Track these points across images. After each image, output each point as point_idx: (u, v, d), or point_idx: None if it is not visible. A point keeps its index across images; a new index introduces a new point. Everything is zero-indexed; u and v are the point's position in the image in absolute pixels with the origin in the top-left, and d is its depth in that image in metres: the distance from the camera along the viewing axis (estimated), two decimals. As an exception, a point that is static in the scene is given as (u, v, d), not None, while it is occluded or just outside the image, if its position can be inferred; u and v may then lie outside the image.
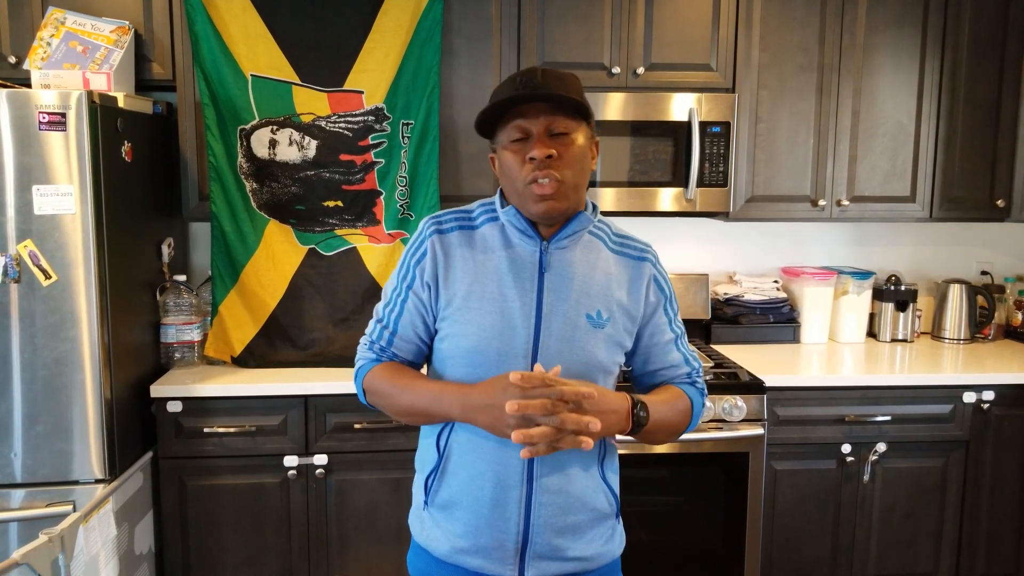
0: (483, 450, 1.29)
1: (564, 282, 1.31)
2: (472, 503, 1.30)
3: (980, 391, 2.55)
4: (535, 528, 1.29)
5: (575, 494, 1.31)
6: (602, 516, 1.36)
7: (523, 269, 1.31)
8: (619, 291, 1.35)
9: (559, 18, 2.61)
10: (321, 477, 2.39)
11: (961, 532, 2.62)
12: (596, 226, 1.38)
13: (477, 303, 1.30)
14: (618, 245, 1.39)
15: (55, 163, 2.01)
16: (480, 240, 1.34)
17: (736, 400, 2.40)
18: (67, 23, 2.38)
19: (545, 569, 1.31)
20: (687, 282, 2.96)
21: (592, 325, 1.31)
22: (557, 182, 1.26)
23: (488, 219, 1.37)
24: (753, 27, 2.67)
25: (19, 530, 2.09)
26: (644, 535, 2.47)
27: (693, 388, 1.43)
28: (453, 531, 1.32)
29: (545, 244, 1.32)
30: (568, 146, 1.27)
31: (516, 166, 1.27)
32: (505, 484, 1.28)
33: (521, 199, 1.30)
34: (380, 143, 2.55)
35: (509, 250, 1.33)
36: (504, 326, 1.28)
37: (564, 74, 1.29)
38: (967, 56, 2.75)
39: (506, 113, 1.28)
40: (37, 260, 2.04)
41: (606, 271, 1.35)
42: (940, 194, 2.81)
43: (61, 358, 2.07)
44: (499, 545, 1.29)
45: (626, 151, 2.62)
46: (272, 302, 2.55)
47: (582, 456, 1.31)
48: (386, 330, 1.38)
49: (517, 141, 1.28)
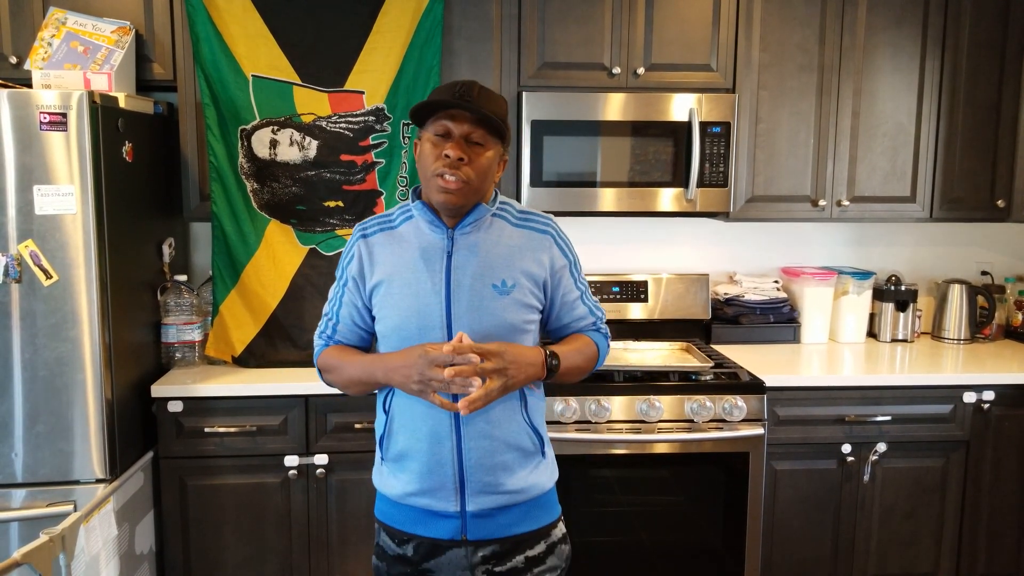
0: (416, 409, 1.53)
1: (469, 260, 1.53)
2: (415, 454, 1.54)
3: (980, 391, 2.55)
4: (468, 468, 1.52)
5: (499, 437, 1.53)
6: (528, 454, 1.57)
7: (433, 254, 1.54)
8: (522, 260, 1.55)
9: (559, 19, 2.61)
10: (322, 477, 2.39)
11: (961, 532, 2.62)
12: (499, 208, 1.59)
13: (397, 288, 1.54)
14: (520, 220, 1.59)
15: (56, 163, 2.02)
16: (398, 237, 1.58)
17: (736, 400, 2.40)
18: (68, 23, 2.38)
19: (483, 502, 1.54)
20: (687, 282, 2.97)
21: (498, 292, 1.52)
22: (461, 182, 1.47)
23: (405, 219, 1.60)
24: (753, 27, 2.67)
25: (20, 530, 2.09)
26: (644, 535, 2.47)
27: (598, 333, 1.68)
28: (404, 479, 1.56)
29: (451, 231, 1.54)
30: (479, 155, 1.49)
31: (431, 157, 1.49)
32: (438, 435, 1.52)
33: (427, 186, 1.52)
34: (381, 143, 2.55)
35: (421, 240, 1.55)
36: (420, 304, 1.51)
37: (496, 96, 1.52)
38: (967, 56, 2.75)
39: (438, 112, 1.48)
40: (38, 260, 2.04)
41: (509, 244, 1.56)
42: (940, 194, 2.81)
43: (62, 358, 2.08)
44: (441, 486, 1.53)
45: (626, 151, 2.62)
46: (273, 302, 2.55)
47: (504, 404, 1.52)
48: (330, 321, 1.65)
49: (439, 136, 1.49)
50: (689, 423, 2.40)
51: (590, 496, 2.44)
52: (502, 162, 1.58)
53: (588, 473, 2.43)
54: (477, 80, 1.59)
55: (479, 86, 1.49)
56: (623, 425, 2.40)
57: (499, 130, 1.50)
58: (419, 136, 1.55)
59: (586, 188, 2.63)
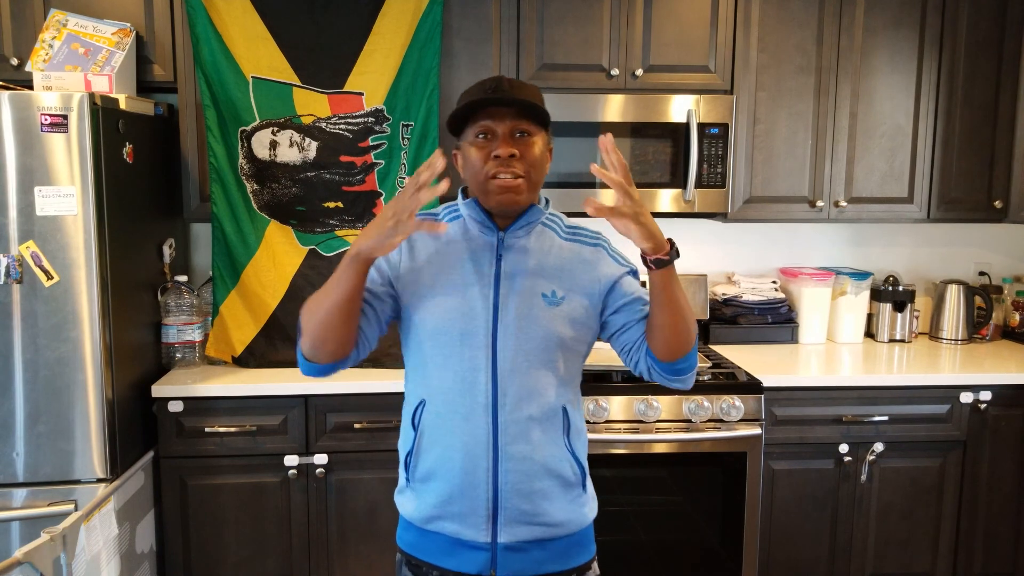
0: (451, 424, 1.40)
1: (520, 266, 1.43)
2: (445, 474, 1.40)
3: (977, 391, 2.56)
4: (503, 494, 1.39)
5: (540, 461, 1.41)
6: (567, 484, 1.45)
7: (482, 256, 1.44)
8: (572, 274, 1.45)
9: (558, 20, 2.62)
10: (321, 476, 2.40)
11: (958, 532, 2.63)
12: (548, 218, 1.50)
13: (440, 289, 1.42)
14: (571, 234, 1.51)
15: (57, 164, 2.03)
16: (444, 236, 1.47)
17: (734, 400, 2.41)
18: (69, 25, 2.39)
19: (517, 533, 1.41)
20: (686, 282, 2.97)
21: (547, 303, 1.42)
22: (519, 178, 1.38)
23: (452, 217, 1.50)
24: (751, 29, 2.68)
25: (21, 529, 2.10)
26: (642, 534, 2.48)
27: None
28: (431, 501, 1.43)
29: (502, 234, 1.45)
30: (529, 147, 1.39)
31: (480, 161, 1.39)
32: (473, 453, 1.39)
33: (482, 191, 1.41)
34: (380, 144, 2.56)
35: (469, 241, 1.45)
36: (465, 308, 1.40)
37: (528, 85, 1.42)
38: (965, 57, 2.76)
39: (475, 114, 1.39)
40: (39, 261, 2.05)
41: (559, 256, 1.46)
42: (938, 195, 2.82)
43: (63, 358, 2.09)
44: (472, 511, 1.40)
45: (625, 152, 2.63)
46: (273, 302, 2.56)
47: (545, 427, 1.41)
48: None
49: (483, 138, 1.39)
50: (687, 423, 2.41)
51: (588, 496, 2.45)
52: (549, 151, 1.47)
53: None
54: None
55: (508, 78, 1.41)
56: (621, 425, 2.41)
57: (543, 118, 1.41)
58: (458, 145, 1.45)
59: (585, 189, 2.64)
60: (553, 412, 1.42)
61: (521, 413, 1.39)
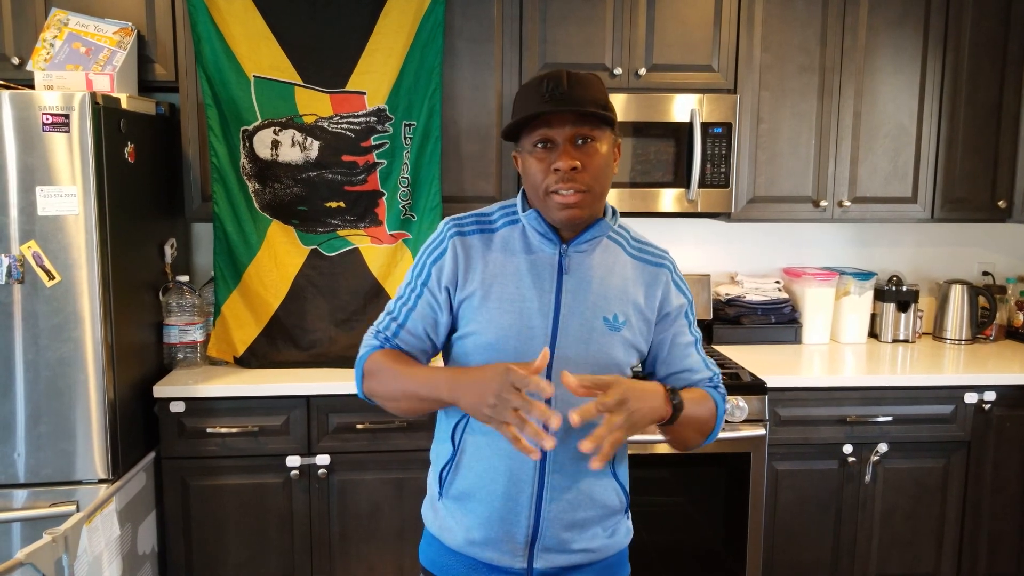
0: (497, 446, 1.31)
1: (582, 284, 1.34)
2: (485, 496, 1.33)
3: (982, 392, 2.55)
4: (545, 522, 1.32)
5: (585, 491, 1.34)
6: (611, 512, 1.39)
7: (542, 271, 1.34)
8: (636, 295, 1.37)
9: (561, 19, 2.61)
10: (323, 477, 2.39)
11: (962, 532, 2.62)
12: (616, 231, 1.41)
13: (496, 302, 1.32)
14: (637, 251, 1.41)
15: (58, 164, 2.02)
16: (500, 242, 1.36)
17: (738, 400, 2.40)
18: (70, 24, 2.39)
19: (553, 561, 1.34)
20: (689, 282, 2.95)
21: (608, 328, 1.33)
22: (581, 193, 1.27)
23: (508, 222, 1.39)
24: (755, 28, 2.68)
25: (22, 530, 2.10)
26: (646, 535, 2.47)
27: (716, 392, 1.43)
28: (466, 523, 1.35)
29: (565, 247, 1.34)
30: (592, 155, 1.28)
31: (540, 173, 1.29)
32: (517, 479, 1.31)
33: (544, 205, 1.32)
34: (382, 144, 2.55)
35: (529, 252, 1.35)
36: (522, 325, 1.31)
37: (589, 79, 1.29)
38: (968, 57, 2.75)
39: (529, 119, 1.28)
40: (41, 261, 2.04)
41: (623, 275, 1.37)
42: (942, 195, 2.81)
43: (64, 358, 2.08)
44: (510, 538, 1.33)
45: (628, 152, 2.62)
46: (274, 302, 2.56)
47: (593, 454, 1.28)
48: (394, 322, 1.39)
49: (542, 148, 1.29)
50: (690, 424, 2.40)
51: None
52: (617, 149, 1.36)
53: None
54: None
55: (567, 74, 1.27)
56: (624, 425, 2.40)
57: (607, 118, 1.29)
58: (517, 151, 1.35)
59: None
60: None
61: (571, 441, 1.27)
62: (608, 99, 1.30)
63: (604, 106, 1.28)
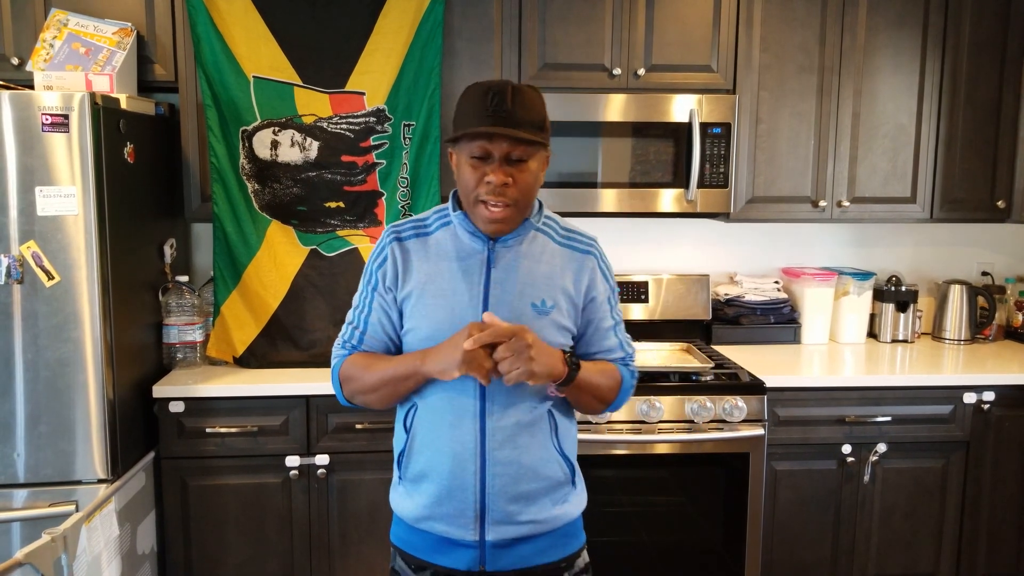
0: (441, 429, 1.44)
1: (509, 276, 1.46)
2: (435, 476, 1.45)
3: (980, 392, 2.56)
4: (490, 496, 1.44)
5: (527, 464, 1.45)
6: (556, 483, 1.49)
7: (472, 266, 1.46)
8: (564, 280, 1.48)
9: (560, 20, 2.61)
10: (323, 477, 2.39)
11: (961, 532, 2.63)
12: (543, 222, 1.52)
13: (431, 299, 1.45)
14: (564, 239, 1.52)
15: (58, 164, 2.02)
16: (434, 244, 1.49)
17: (737, 400, 2.40)
18: (70, 25, 2.39)
19: (503, 532, 1.45)
20: (688, 283, 2.97)
21: (537, 312, 1.45)
22: (508, 208, 1.40)
23: (441, 224, 1.51)
24: (754, 28, 2.68)
25: (22, 530, 2.10)
26: (645, 535, 2.48)
27: (626, 368, 1.58)
28: (421, 501, 1.47)
29: (492, 243, 1.47)
30: (523, 172, 1.40)
31: (472, 181, 1.40)
32: (461, 458, 1.43)
33: (472, 212, 1.44)
34: (382, 144, 2.55)
35: (460, 250, 1.47)
36: (455, 318, 1.42)
37: (531, 97, 1.39)
38: (967, 57, 2.76)
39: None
40: (40, 261, 2.05)
41: (551, 263, 1.48)
42: (941, 195, 2.81)
43: (64, 358, 2.08)
44: (460, 513, 1.45)
45: (627, 152, 2.62)
46: (274, 303, 2.56)
47: (532, 430, 1.45)
48: (356, 330, 1.53)
49: (477, 158, 1.39)
50: (689, 424, 2.41)
51: (591, 497, 2.42)
52: (546, 161, 1.48)
53: (589, 474, 2.39)
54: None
55: (512, 89, 1.37)
56: (623, 426, 2.40)
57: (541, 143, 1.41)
58: (453, 148, 1.45)
59: (587, 189, 2.63)
60: (540, 417, 1.46)
61: (508, 420, 1.43)
62: (545, 117, 1.42)
63: (541, 126, 1.40)
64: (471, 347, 1.32)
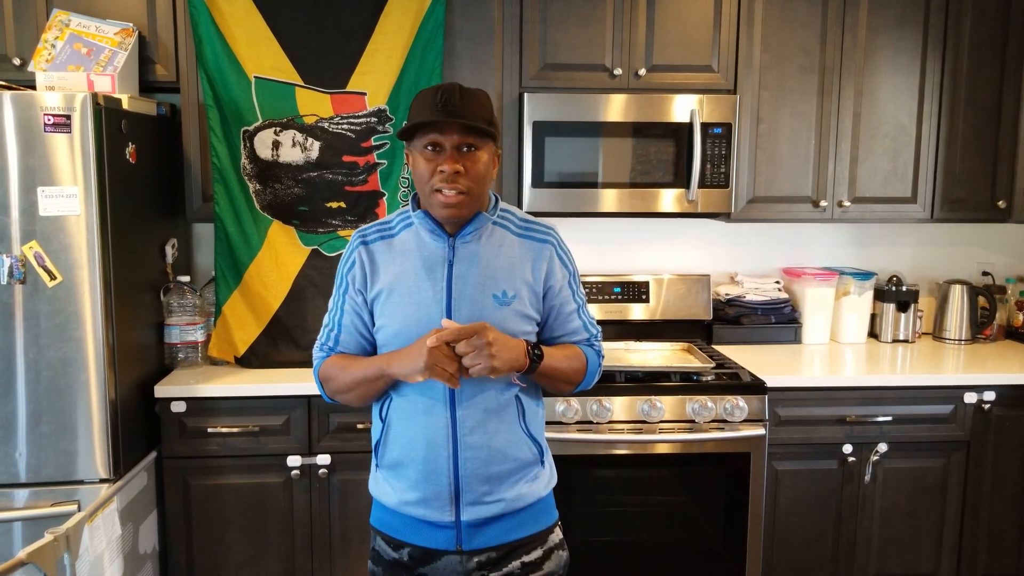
0: (414, 417, 1.53)
1: (470, 270, 1.53)
2: (410, 463, 1.54)
3: (981, 391, 2.56)
4: (464, 479, 1.52)
5: (497, 448, 1.53)
6: (525, 464, 1.57)
7: (434, 263, 1.54)
8: (523, 270, 1.55)
9: (561, 20, 2.61)
10: (324, 477, 2.40)
11: (962, 532, 2.63)
12: (500, 215, 1.59)
13: (397, 297, 1.54)
14: (523, 230, 1.59)
15: (60, 164, 2.03)
16: (399, 245, 1.57)
17: (737, 400, 2.41)
18: (71, 25, 2.39)
19: (478, 512, 1.54)
20: (689, 282, 2.97)
21: (498, 303, 1.52)
22: (462, 194, 1.47)
23: (404, 226, 1.59)
24: (754, 28, 2.68)
25: (24, 530, 2.10)
26: (645, 535, 2.48)
27: (590, 349, 1.65)
28: (399, 487, 1.57)
29: (452, 239, 1.54)
30: (474, 162, 1.48)
31: (427, 172, 1.48)
32: (434, 445, 1.52)
33: (429, 202, 1.51)
34: (383, 144, 2.56)
35: (422, 249, 1.55)
36: (420, 313, 1.51)
37: (479, 96, 1.49)
38: (968, 57, 2.76)
39: (424, 123, 1.47)
40: (42, 261, 2.05)
41: (510, 255, 1.55)
42: (941, 195, 2.81)
43: (65, 358, 2.08)
44: (436, 496, 1.53)
45: (628, 152, 2.63)
46: (275, 303, 2.56)
47: (501, 415, 1.53)
48: (332, 332, 1.62)
49: (431, 150, 1.48)
50: (690, 423, 2.41)
51: (591, 496, 2.45)
52: (497, 158, 1.57)
53: (590, 473, 2.43)
54: (466, 82, 1.57)
55: (459, 89, 1.47)
56: (624, 425, 2.40)
57: (489, 132, 1.49)
58: (409, 148, 1.54)
59: (588, 189, 2.63)
60: (507, 402, 1.54)
61: (477, 406, 1.52)
62: (493, 115, 1.51)
63: (489, 121, 1.49)
64: (434, 343, 1.39)
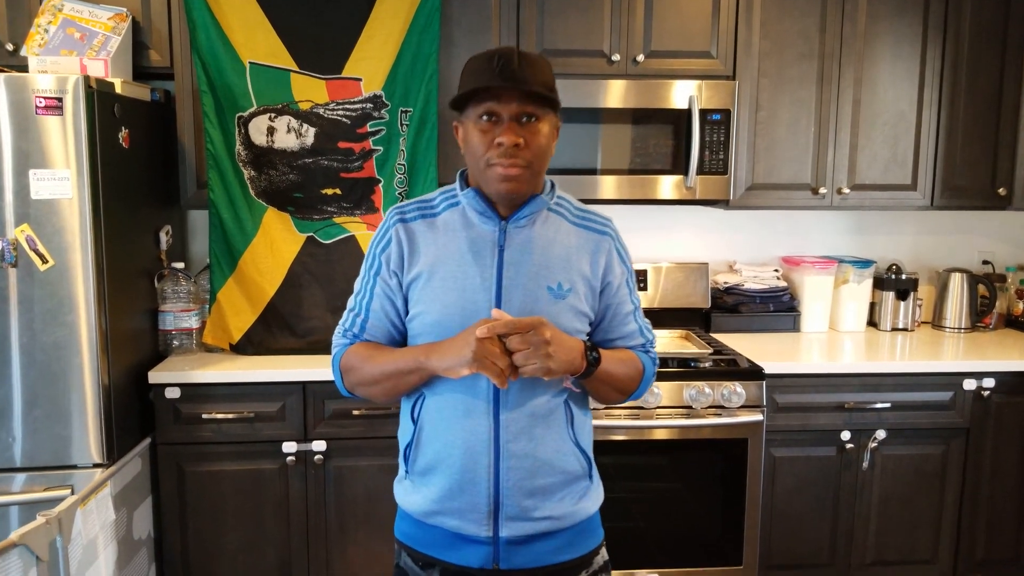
0: (452, 420, 1.36)
1: (523, 257, 1.37)
2: (445, 469, 1.37)
3: (980, 378, 2.54)
4: (504, 491, 1.36)
5: (543, 458, 1.37)
6: (573, 477, 1.42)
7: (483, 247, 1.38)
8: (580, 262, 1.40)
9: (559, 7, 2.60)
10: (319, 463, 2.39)
11: (960, 519, 2.62)
12: (556, 203, 1.44)
13: (440, 281, 1.37)
14: (579, 219, 1.45)
15: (52, 147, 2.01)
16: (442, 225, 1.41)
17: (735, 386, 2.39)
18: (64, 10, 2.38)
19: (518, 529, 1.37)
20: (687, 271, 2.96)
21: (553, 296, 1.37)
22: (521, 168, 1.32)
23: (449, 205, 1.43)
24: (754, 14, 2.66)
25: (18, 514, 2.10)
26: (643, 521, 2.47)
27: (647, 356, 1.51)
28: (431, 495, 1.39)
29: (504, 223, 1.39)
30: (535, 134, 1.33)
31: (482, 145, 1.33)
32: (473, 451, 1.35)
33: (484, 177, 1.36)
34: (379, 130, 2.54)
35: (469, 231, 1.39)
36: (465, 301, 1.35)
37: (539, 61, 1.34)
38: (968, 44, 2.74)
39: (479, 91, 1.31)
40: (34, 244, 2.04)
41: (566, 244, 1.41)
42: (941, 182, 2.80)
43: (59, 343, 2.07)
44: (472, 507, 1.37)
45: (626, 139, 2.61)
46: (270, 290, 2.55)
47: (548, 421, 1.37)
48: (358, 317, 1.45)
49: (487, 121, 1.32)
50: (688, 409, 2.40)
51: (588, 483, 2.43)
52: (556, 130, 1.41)
53: (586, 460, 2.42)
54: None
55: (518, 53, 1.31)
56: (622, 411, 2.39)
57: (551, 100, 1.34)
58: (460, 120, 1.38)
59: (586, 175, 2.62)
60: (556, 408, 1.38)
61: (523, 411, 1.35)
62: (554, 82, 1.35)
63: (551, 88, 1.33)
64: (484, 334, 1.23)
